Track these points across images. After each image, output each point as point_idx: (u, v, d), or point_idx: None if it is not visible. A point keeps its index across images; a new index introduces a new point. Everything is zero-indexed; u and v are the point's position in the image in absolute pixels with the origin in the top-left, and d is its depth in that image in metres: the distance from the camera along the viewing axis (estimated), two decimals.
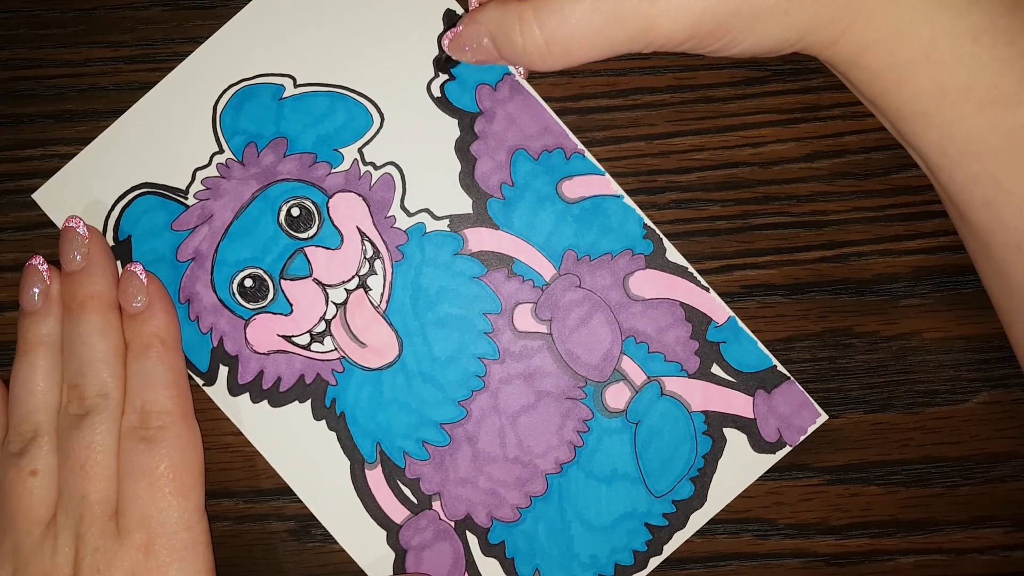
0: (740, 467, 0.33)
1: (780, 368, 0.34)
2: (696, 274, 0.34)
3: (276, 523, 0.34)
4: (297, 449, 0.33)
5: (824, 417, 0.33)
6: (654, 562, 0.33)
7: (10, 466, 0.31)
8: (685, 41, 0.26)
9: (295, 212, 0.34)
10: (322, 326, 0.33)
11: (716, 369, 0.34)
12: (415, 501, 0.33)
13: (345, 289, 0.33)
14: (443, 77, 0.34)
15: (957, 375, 0.34)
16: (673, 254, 0.34)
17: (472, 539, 0.33)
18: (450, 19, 0.34)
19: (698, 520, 0.33)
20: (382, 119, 0.34)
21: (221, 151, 0.34)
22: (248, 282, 0.33)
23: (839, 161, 0.34)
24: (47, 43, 0.35)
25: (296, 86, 0.34)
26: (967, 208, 0.27)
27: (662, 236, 0.34)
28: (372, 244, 0.34)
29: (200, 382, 0.34)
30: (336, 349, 0.34)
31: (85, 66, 0.35)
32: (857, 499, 0.34)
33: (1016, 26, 0.24)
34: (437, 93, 0.34)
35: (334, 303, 0.33)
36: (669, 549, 0.33)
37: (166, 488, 0.30)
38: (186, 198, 0.34)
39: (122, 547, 0.30)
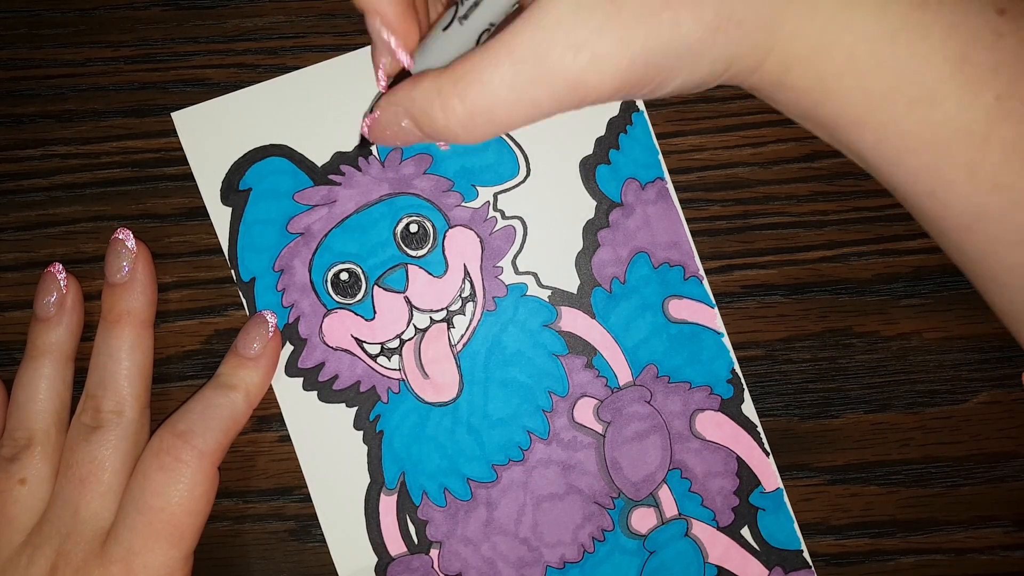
0: None
1: (806, 555, 0.33)
2: (763, 435, 0.34)
3: (276, 523, 0.34)
4: (326, 449, 0.33)
5: None
6: None
7: (0, 471, 0.31)
8: (616, 92, 0.25)
9: (413, 228, 0.34)
10: (395, 343, 0.34)
11: (746, 532, 0.33)
12: (416, 541, 0.33)
13: (431, 318, 0.34)
14: (600, 157, 0.34)
15: (957, 375, 0.34)
16: (748, 408, 0.34)
17: None
18: None
19: None
20: (527, 173, 0.34)
21: (360, 149, 0.34)
22: (344, 275, 0.34)
23: (839, 161, 0.34)
24: (47, 43, 0.35)
25: None
26: (913, 199, 0.27)
27: (745, 386, 0.34)
28: (472, 286, 0.34)
29: None
30: (400, 370, 0.34)
31: (85, 66, 0.35)
32: (857, 499, 0.34)
33: (929, 19, 0.24)
34: (588, 170, 0.34)
35: (415, 326, 0.34)
36: None
37: (163, 531, 0.30)
38: (317, 176, 0.34)
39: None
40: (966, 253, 0.27)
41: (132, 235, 0.33)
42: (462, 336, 0.34)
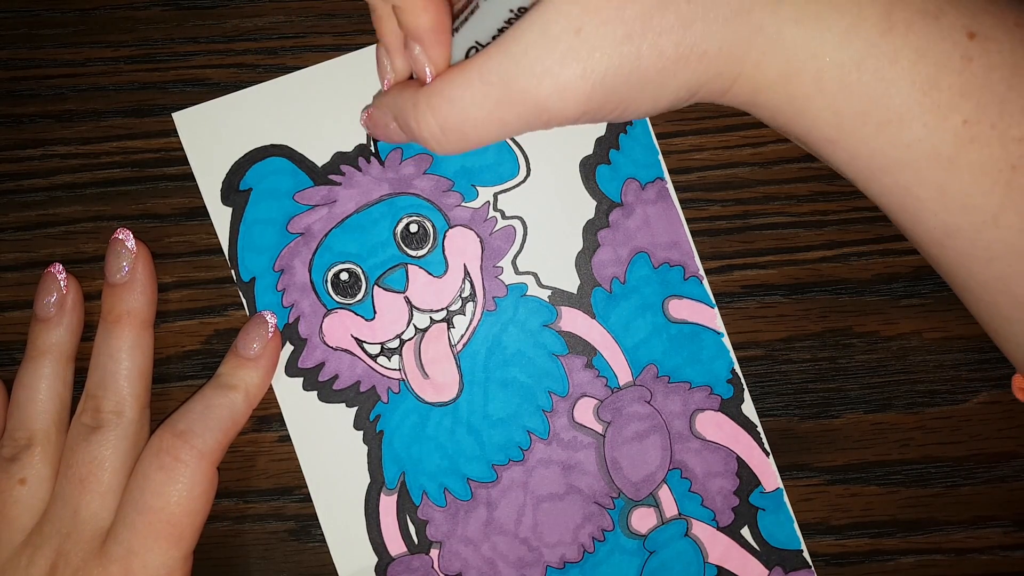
0: None
1: (806, 555, 0.33)
2: (763, 435, 0.34)
3: (275, 523, 0.34)
4: (326, 449, 0.33)
5: None
6: None
7: (0, 471, 0.31)
8: (580, 116, 0.26)
9: (413, 228, 0.34)
10: (396, 343, 0.34)
11: (746, 532, 0.33)
12: (416, 541, 0.33)
13: (431, 318, 0.34)
14: (600, 157, 0.34)
15: (957, 375, 0.34)
16: (748, 408, 0.34)
17: None
18: None
19: None
20: (528, 174, 0.34)
21: (368, 145, 0.34)
22: (344, 276, 0.34)
23: None
24: (47, 43, 0.35)
25: None
26: (888, 213, 0.28)
27: (745, 386, 0.34)
28: (472, 286, 0.34)
29: None
30: (400, 370, 0.34)
31: (85, 66, 0.35)
32: (857, 499, 0.34)
33: (897, 43, 0.24)
34: (588, 170, 0.34)
35: (415, 326, 0.34)
36: None
37: (162, 531, 0.30)
38: (317, 176, 0.34)
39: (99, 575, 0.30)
40: (941, 267, 0.28)
41: (132, 235, 0.33)
42: (462, 336, 0.34)
